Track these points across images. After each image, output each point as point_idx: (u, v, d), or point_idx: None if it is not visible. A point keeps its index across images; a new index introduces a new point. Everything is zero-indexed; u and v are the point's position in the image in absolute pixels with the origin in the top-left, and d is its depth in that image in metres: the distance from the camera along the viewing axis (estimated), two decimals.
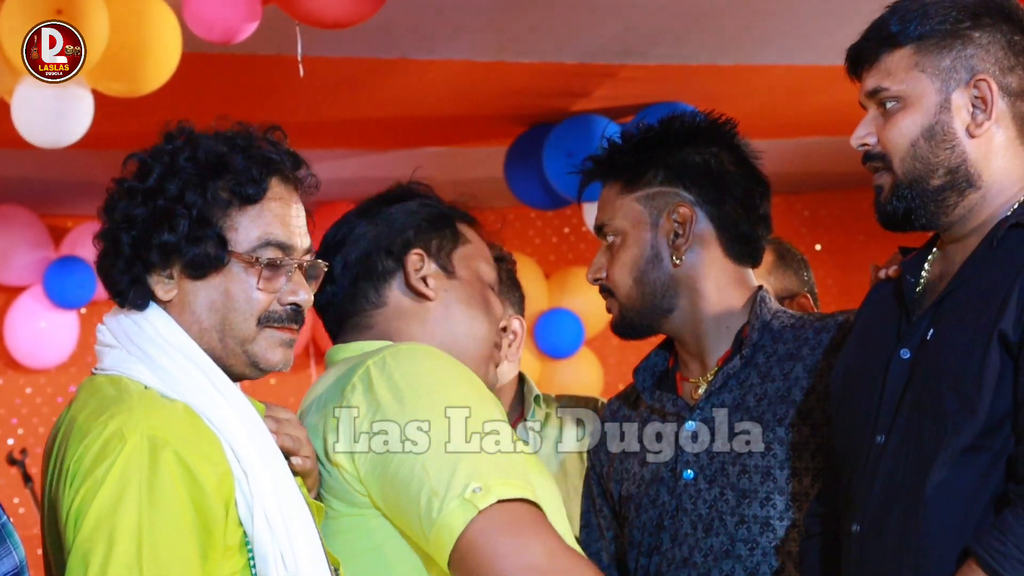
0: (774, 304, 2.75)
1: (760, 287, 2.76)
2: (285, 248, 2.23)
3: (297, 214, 2.27)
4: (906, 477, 2.29)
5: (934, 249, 2.46)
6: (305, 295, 2.24)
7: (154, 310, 2.21)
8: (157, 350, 2.17)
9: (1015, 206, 2.34)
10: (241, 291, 2.20)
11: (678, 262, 2.70)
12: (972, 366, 2.23)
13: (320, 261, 2.31)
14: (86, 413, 2.13)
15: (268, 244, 2.21)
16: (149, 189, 2.21)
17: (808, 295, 3.39)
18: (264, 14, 4.55)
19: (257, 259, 2.20)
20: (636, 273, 2.72)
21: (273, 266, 2.21)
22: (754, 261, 2.78)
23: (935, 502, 2.25)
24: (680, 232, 2.70)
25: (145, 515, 2.02)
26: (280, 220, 2.24)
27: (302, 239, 2.26)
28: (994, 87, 2.33)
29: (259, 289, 2.20)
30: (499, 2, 5.41)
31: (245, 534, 2.12)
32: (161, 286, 2.20)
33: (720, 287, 2.72)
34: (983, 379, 2.22)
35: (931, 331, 2.32)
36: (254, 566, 2.13)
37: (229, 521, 2.10)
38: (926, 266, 2.44)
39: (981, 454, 2.23)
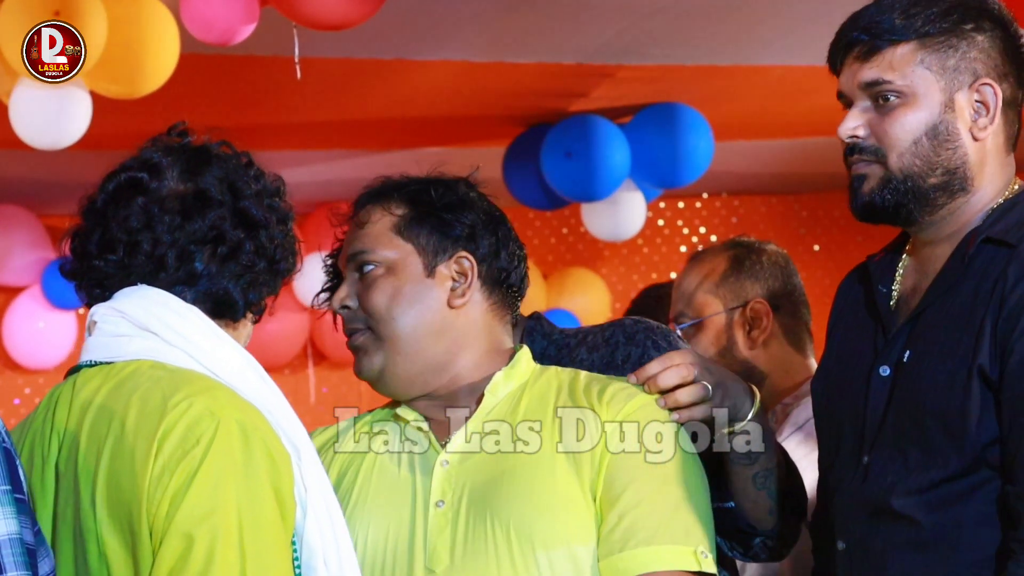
0: (550, 329, 2.74)
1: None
2: None
3: None
4: (891, 500, 2.28)
5: (904, 256, 2.44)
6: None
7: (188, 304, 2.20)
8: (207, 340, 2.17)
9: (986, 214, 2.33)
10: None
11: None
12: (955, 399, 2.22)
13: None
14: (143, 391, 2.09)
15: None
16: (285, 211, 2.32)
17: (764, 300, 3.36)
18: (262, 15, 4.55)
19: None
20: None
21: None
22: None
23: (921, 527, 2.24)
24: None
25: (243, 499, 2.02)
26: None
27: None
28: (998, 91, 2.32)
29: None
30: (496, 2, 5.40)
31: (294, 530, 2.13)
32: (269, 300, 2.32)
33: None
34: (968, 413, 2.21)
35: (908, 352, 2.30)
36: (297, 562, 2.12)
37: (293, 512, 2.11)
38: (898, 276, 2.42)
39: (968, 478, 2.23)
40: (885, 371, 2.33)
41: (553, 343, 2.71)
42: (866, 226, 2.46)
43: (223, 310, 2.23)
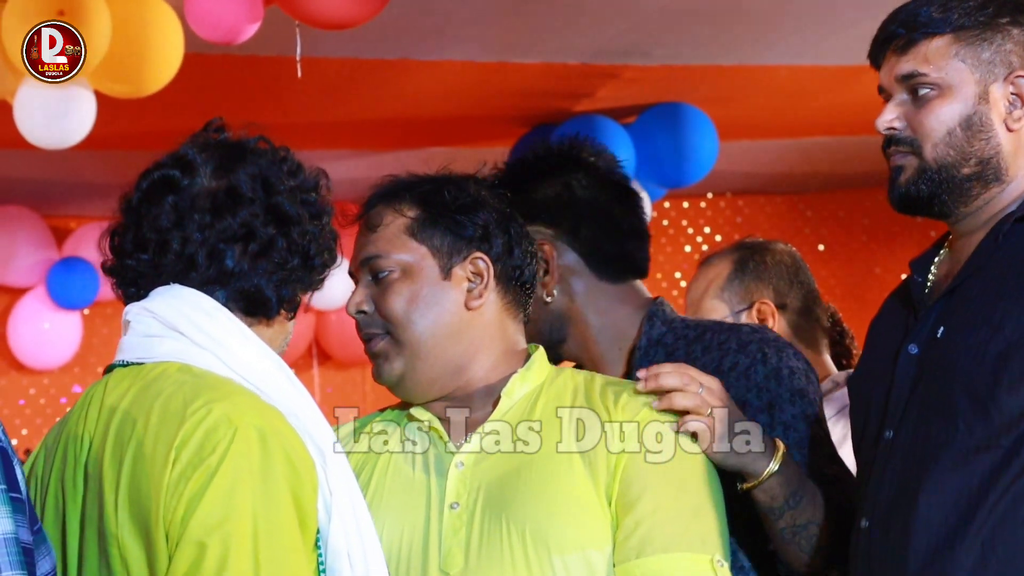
0: (673, 316, 2.71)
1: (655, 300, 2.75)
2: None
3: None
4: (914, 475, 2.29)
5: (942, 250, 2.46)
6: None
7: (219, 304, 2.20)
8: (235, 342, 2.16)
9: (1023, 201, 2.35)
10: None
11: (549, 299, 2.67)
12: (985, 366, 2.23)
13: None
14: (165, 397, 2.09)
15: None
16: (322, 206, 2.30)
17: (768, 302, 3.36)
18: (266, 15, 4.56)
19: None
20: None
21: None
22: (637, 274, 2.74)
23: (941, 500, 2.25)
24: (545, 268, 2.66)
25: (259, 505, 2.01)
26: None
27: None
28: None
29: None
30: (501, 3, 5.41)
31: (317, 532, 2.11)
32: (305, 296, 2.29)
33: (602, 310, 2.69)
34: (999, 379, 2.22)
35: (941, 328, 2.32)
36: (322, 566, 2.12)
37: (314, 516, 2.11)
38: (933, 268, 2.45)
39: (992, 451, 2.23)
40: (913, 349, 2.35)
41: (672, 331, 2.68)
42: (871, 226, 2.48)
43: (256, 308, 2.21)
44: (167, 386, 2.11)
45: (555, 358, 2.73)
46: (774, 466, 2.42)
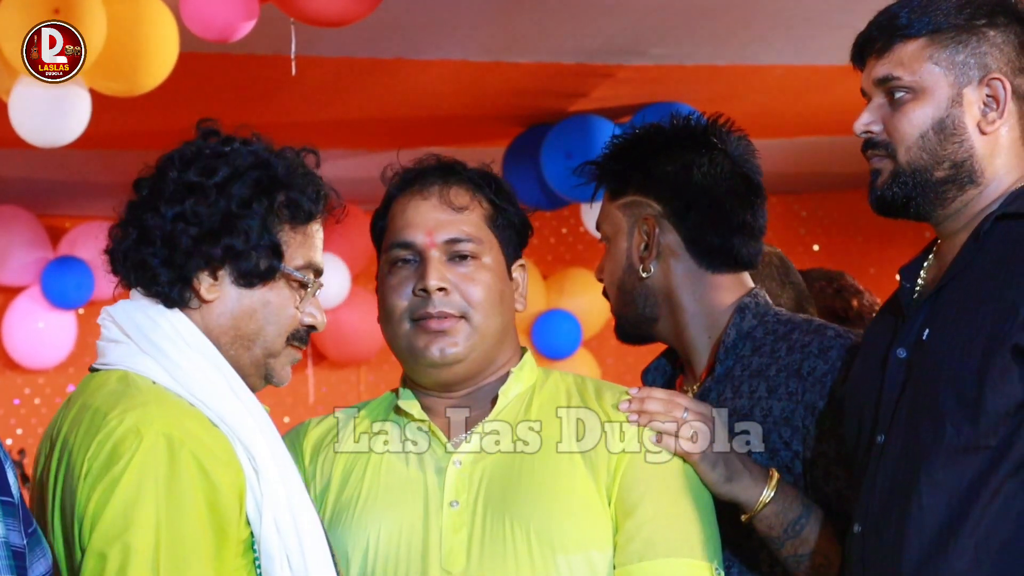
0: (766, 309, 2.68)
1: (750, 291, 2.71)
2: (318, 274, 2.29)
3: (322, 241, 2.33)
4: (906, 478, 2.29)
5: (930, 255, 2.46)
6: (323, 319, 2.29)
7: (173, 309, 2.20)
8: (174, 348, 2.16)
9: (1004, 200, 2.35)
10: (282, 306, 2.24)
11: (644, 274, 2.66)
12: (970, 365, 2.23)
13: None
14: (94, 408, 2.11)
15: (310, 267, 2.27)
16: (218, 186, 2.20)
17: None
18: (261, 13, 4.55)
19: (301, 280, 2.25)
20: (616, 280, 2.70)
21: (306, 287, 2.26)
22: (737, 267, 2.69)
23: (933, 502, 2.25)
24: (647, 243, 2.65)
25: (163, 514, 2.02)
26: (318, 246, 2.29)
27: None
28: (1008, 86, 2.34)
29: (295, 308, 2.25)
30: (496, 3, 5.41)
31: (252, 534, 2.12)
32: (206, 286, 2.20)
33: (697, 297, 2.66)
34: (984, 379, 2.21)
35: (927, 331, 2.32)
36: (259, 566, 2.12)
37: (240, 521, 2.10)
38: (922, 272, 2.45)
39: (980, 452, 2.23)
40: (902, 353, 2.35)
41: (763, 324, 2.65)
42: (866, 226, 2.48)
43: (167, 297, 2.21)
44: (100, 395, 2.14)
45: (646, 336, 2.73)
46: (768, 495, 2.43)
